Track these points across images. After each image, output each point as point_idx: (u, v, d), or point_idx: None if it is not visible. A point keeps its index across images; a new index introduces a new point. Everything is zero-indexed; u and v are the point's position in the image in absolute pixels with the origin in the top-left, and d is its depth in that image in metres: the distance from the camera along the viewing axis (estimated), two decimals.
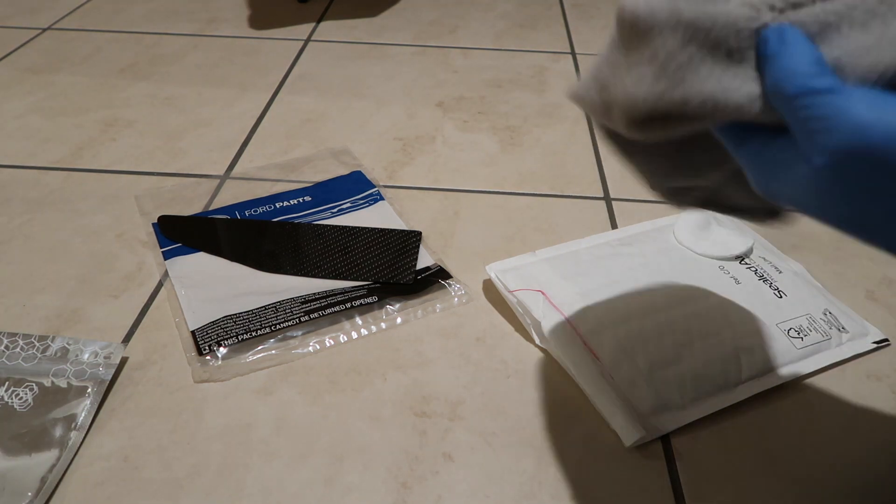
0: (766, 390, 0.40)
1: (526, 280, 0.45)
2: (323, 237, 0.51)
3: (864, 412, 0.39)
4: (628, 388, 0.38)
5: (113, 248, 0.51)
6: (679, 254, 0.48)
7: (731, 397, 0.39)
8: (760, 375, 0.40)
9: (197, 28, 0.89)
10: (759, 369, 0.40)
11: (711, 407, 0.39)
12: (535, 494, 0.35)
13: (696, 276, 0.45)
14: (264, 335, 0.43)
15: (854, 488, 0.35)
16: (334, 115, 0.69)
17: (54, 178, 0.59)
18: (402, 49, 0.85)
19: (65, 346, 0.41)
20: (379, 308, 0.45)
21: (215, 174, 0.60)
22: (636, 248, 0.48)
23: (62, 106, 0.70)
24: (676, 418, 0.38)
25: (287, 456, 0.36)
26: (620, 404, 0.38)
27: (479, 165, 0.62)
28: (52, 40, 0.84)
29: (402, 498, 0.34)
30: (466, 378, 0.41)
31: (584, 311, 0.42)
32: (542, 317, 0.42)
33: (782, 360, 0.41)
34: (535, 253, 0.48)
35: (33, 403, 0.38)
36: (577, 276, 0.45)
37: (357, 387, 0.40)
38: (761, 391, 0.40)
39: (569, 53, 0.85)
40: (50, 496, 0.34)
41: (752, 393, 0.39)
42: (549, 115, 0.70)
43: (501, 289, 0.45)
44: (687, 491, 0.35)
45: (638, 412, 0.38)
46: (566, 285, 0.44)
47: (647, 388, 0.38)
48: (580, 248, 0.49)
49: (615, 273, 0.46)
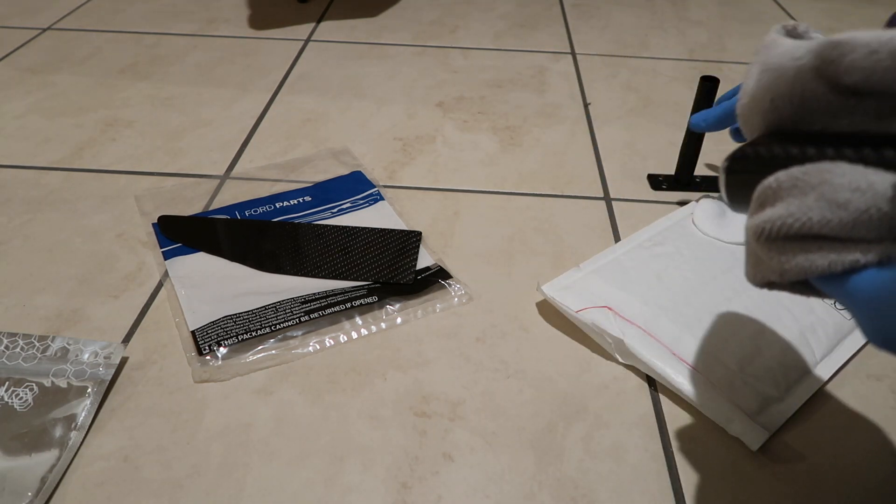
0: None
1: (586, 297, 0.44)
2: (323, 237, 0.51)
3: (863, 412, 0.39)
4: (729, 390, 0.38)
5: (113, 248, 0.51)
6: (709, 244, 0.48)
7: (817, 380, 0.39)
8: (829, 353, 0.41)
9: (197, 28, 0.89)
10: (826, 347, 0.41)
11: (804, 393, 0.39)
12: (535, 494, 0.35)
13: (731, 264, 0.46)
14: (264, 335, 0.43)
15: (854, 488, 0.35)
16: (334, 115, 0.69)
17: (54, 178, 0.59)
18: (402, 49, 0.85)
19: (65, 346, 0.41)
20: (379, 308, 0.45)
21: (215, 174, 0.60)
22: (670, 246, 0.48)
23: (62, 106, 0.70)
24: (780, 412, 0.38)
25: (287, 456, 0.36)
26: (733, 409, 0.37)
27: (479, 165, 0.62)
28: (52, 40, 0.84)
29: (402, 498, 0.35)
30: (466, 378, 0.41)
31: (657, 319, 0.42)
32: (622, 334, 0.41)
33: (840, 334, 0.42)
34: (580, 267, 0.47)
35: (33, 403, 0.38)
36: (629, 284, 0.45)
37: (357, 387, 0.40)
38: (838, 367, 0.40)
39: (569, 53, 0.85)
40: (50, 496, 0.34)
41: (831, 372, 0.40)
42: (549, 115, 0.70)
43: (566, 311, 0.43)
44: (687, 491, 0.35)
45: (745, 413, 0.37)
46: (626, 296, 0.43)
47: (746, 387, 0.38)
48: (619, 255, 0.48)
49: (663, 274, 0.45)
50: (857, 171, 0.20)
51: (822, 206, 0.21)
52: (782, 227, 0.22)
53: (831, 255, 0.21)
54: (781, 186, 0.22)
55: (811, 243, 0.22)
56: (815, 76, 0.22)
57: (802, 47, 0.23)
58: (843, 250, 0.21)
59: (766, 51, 0.25)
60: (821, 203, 0.21)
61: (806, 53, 0.23)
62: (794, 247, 0.22)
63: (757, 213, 0.24)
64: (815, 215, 0.21)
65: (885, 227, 0.20)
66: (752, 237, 0.24)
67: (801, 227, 0.21)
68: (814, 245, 0.22)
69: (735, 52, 0.87)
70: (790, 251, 0.22)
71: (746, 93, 0.26)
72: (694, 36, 0.92)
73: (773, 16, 0.99)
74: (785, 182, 0.22)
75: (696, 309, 0.42)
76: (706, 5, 1.03)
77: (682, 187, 0.59)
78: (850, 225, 0.20)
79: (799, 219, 0.21)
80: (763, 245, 0.23)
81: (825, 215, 0.21)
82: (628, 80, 0.78)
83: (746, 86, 0.26)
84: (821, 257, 0.21)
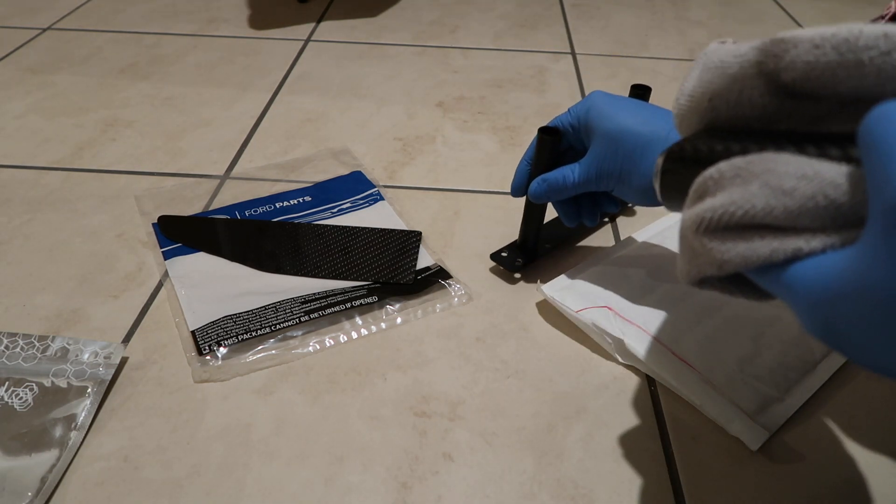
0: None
1: (585, 297, 0.44)
2: (323, 237, 0.51)
3: (863, 412, 0.39)
4: (729, 390, 0.38)
5: (113, 248, 0.51)
6: None
7: (817, 380, 0.39)
8: (829, 353, 0.41)
9: (197, 28, 0.89)
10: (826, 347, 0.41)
11: (804, 393, 0.39)
12: (535, 494, 0.35)
13: None
14: (264, 335, 0.43)
15: (854, 488, 0.35)
16: (334, 115, 0.69)
17: (54, 178, 0.59)
18: (402, 49, 0.85)
19: (65, 346, 0.41)
20: (379, 308, 0.45)
21: (215, 174, 0.60)
22: (670, 246, 0.48)
23: (62, 106, 0.70)
24: (781, 412, 0.38)
25: (287, 456, 0.36)
26: (734, 409, 0.37)
27: (479, 165, 0.62)
28: (52, 40, 0.84)
29: (402, 498, 0.34)
30: (466, 378, 0.41)
31: (657, 319, 0.42)
32: (623, 334, 0.41)
33: None
34: (580, 267, 0.47)
35: (33, 403, 0.38)
36: (629, 284, 0.45)
37: (357, 387, 0.40)
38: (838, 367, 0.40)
39: (569, 53, 0.85)
40: (50, 496, 0.34)
41: (832, 371, 0.40)
42: (549, 115, 0.70)
43: (566, 311, 0.43)
44: (687, 491, 0.35)
45: (746, 413, 0.37)
46: (626, 296, 0.43)
47: (746, 387, 0.38)
48: (619, 255, 0.48)
49: (663, 274, 0.45)
50: (802, 160, 0.20)
51: (767, 194, 0.20)
52: (723, 215, 0.21)
53: (773, 244, 0.20)
54: (724, 176, 0.22)
55: (752, 233, 0.21)
56: (756, 73, 0.22)
57: (746, 45, 0.23)
58: (786, 239, 0.20)
59: (708, 53, 0.24)
60: (765, 191, 0.20)
61: (749, 50, 0.22)
62: (734, 236, 0.22)
63: (696, 204, 0.23)
64: (758, 203, 0.20)
65: (830, 216, 0.19)
66: (690, 229, 0.23)
67: (744, 215, 0.21)
68: (755, 234, 0.21)
69: None
70: (730, 241, 0.22)
71: (684, 92, 0.25)
72: (694, 36, 0.92)
73: (772, 16, 0.99)
74: (727, 172, 0.22)
75: (695, 309, 0.42)
76: (706, 5, 1.03)
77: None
78: (795, 213, 0.20)
79: (742, 206, 0.21)
80: (701, 236, 0.23)
81: (769, 203, 0.20)
82: (628, 80, 0.78)
83: (684, 86, 0.25)
84: (763, 245, 0.21)
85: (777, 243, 0.20)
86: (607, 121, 0.39)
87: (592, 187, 0.41)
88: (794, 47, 0.20)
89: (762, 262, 0.21)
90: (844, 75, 0.19)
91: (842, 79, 0.20)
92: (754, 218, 0.21)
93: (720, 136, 0.24)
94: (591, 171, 0.40)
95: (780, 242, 0.20)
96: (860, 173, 0.19)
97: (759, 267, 0.21)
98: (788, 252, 0.20)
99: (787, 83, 0.21)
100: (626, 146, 0.38)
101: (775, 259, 0.20)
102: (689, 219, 0.23)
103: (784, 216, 0.20)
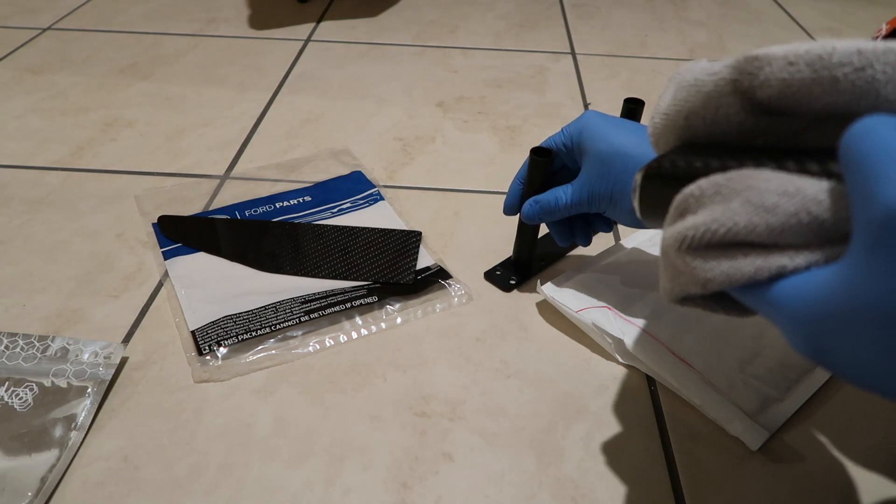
0: None
1: (585, 297, 0.44)
2: (323, 237, 0.51)
3: (863, 412, 0.39)
4: (728, 390, 0.38)
5: (113, 248, 0.51)
6: None
7: (817, 380, 0.39)
8: None
9: (197, 28, 0.89)
10: None
11: (804, 394, 0.39)
12: (535, 494, 0.35)
13: None
14: (264, 335, 0.43)
15: (854, 488, 0.35)
16: (334, 115, 0.69)
17: (54, 178, 0.59)
18: (402, 49, 0.85)
19: (65, 346, 0.41)
20: (379, 308, 0.45)
21: (215, 174, 0.60)
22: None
23: (62, 106, 0.70)
24: (780, 412, 0.38)
25: (287, 456, 0.36)
26: (734, 409, 0.37)
27: (479, 165, 0.62)
28: (52, 40, 0.84)
29: (402, 498, 0.34)
30: (466, 378, 0.41)
31: (657, 319, 0.42)
32: (623, 334, 0.41)
33: None
34: (580, 267, 0.47)
35: (33, 403, 0.38)
36: (629, 284, 0.45)
37: (357, 387, 0.40)
38: None
39: (569, 53, 0.85)
40: (50, 496, 0.34)
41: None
42: (549, 115, 0.70)
43: (566, 311, 0.43)
44: (687, 491, 0.35)
45: (746, 413, 0.37)
46: (626, 296, 0.43)
47: (745, 387, 0.38)
48: (619, 255, 0.48)
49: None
50: (783, 176, 0.20)
51: (749, 211, 0.20)
52: (706, 233, 0.21)
53: (757, 261, 0.20)
54: (704, 193, 0.22)
55: (735, 251, 0.21)
56: (731, 91, 0.22)
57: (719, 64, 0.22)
58: (769, 256, 0.20)
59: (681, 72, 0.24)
60: (747, 208, 0.20)
61: (723, 68, 0.22)
62: (717, 254, 0.21)
63: (677, 221, 0.23)
64: (741, 220, 0.20)
65: (813, 232, 0.19)
66: (672, 247, 0.23)
67: (727, 233, 0.21)
68: (738, 252, 0.21)
69: (735, 52, 0.87)
70: (713, 259, 0.22)
71: (659, 111, 0.25)
72: (694, 36, 0.92)
73: (772, 16, 0.99)
74: (708, 189, 0.22)
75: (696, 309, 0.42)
76: (706, 5, 1.03)
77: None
78: (778, 230, 0.19)
79: (724, 224, 0.21)
80: (683, 254, 0.22)
81: (752, 220, 0.20)
82: (628, 80, 0.78)
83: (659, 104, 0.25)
84: (747, 263, 0.20)
85: (761, 261, 0.20)
86: (600, 142, 0.39)
87: (584, 209, 0.41)
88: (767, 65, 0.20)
89: (746, 281, 0.21)
90: (819, 92, 0.19)
91: (817, 95, 0.19)
92: (737, 235, 0.21)
93: (698, 152, 0.24)
94: (583, 193, 0.40)
95: (764, 260, 0.20)
96: (841, 189, 0.19)
97: (743, 285, 0.21)
98: (773, 270, 0.20)
99: (763, 100, 0.21)
100: (618, 168, 0.38)
101: (759, 277, 0.20)
102: (670, 237, 0.23)
103: (767, 233, 0.20)
